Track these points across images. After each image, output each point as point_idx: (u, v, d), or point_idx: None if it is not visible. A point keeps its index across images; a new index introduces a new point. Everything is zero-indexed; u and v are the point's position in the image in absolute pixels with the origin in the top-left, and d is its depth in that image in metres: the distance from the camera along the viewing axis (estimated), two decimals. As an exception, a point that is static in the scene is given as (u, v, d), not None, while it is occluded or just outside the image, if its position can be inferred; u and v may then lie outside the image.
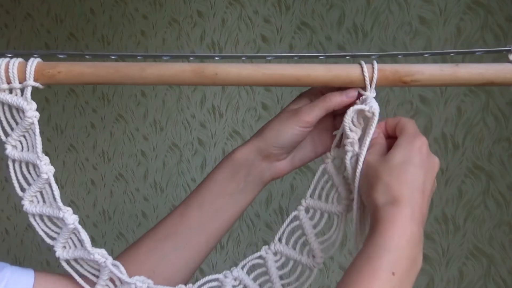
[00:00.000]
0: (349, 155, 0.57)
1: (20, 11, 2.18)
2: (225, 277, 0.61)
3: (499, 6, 1.19)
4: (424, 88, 1.29)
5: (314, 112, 0.58)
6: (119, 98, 1.93)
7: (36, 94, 0.57)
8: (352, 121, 0.56)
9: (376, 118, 0.55)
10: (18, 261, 2.25)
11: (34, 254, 2.21)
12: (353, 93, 0.57)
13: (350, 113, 0.55)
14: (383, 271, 0.47)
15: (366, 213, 0.57)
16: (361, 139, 0.57)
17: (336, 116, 0.61)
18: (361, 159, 0.55)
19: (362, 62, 0.56)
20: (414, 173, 0.52)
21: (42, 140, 0.57)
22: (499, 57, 0.58)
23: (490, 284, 1.23)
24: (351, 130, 0.56)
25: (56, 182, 0.59)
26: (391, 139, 0.57)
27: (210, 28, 1.68)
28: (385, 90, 1.33)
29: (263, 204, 1.60)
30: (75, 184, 2.07)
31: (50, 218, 0.60)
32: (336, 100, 0.57)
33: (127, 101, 1.91)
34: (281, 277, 0.61)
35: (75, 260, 0.61)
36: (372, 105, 0.55)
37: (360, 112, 0.56)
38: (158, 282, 0.61)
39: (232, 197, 0.62)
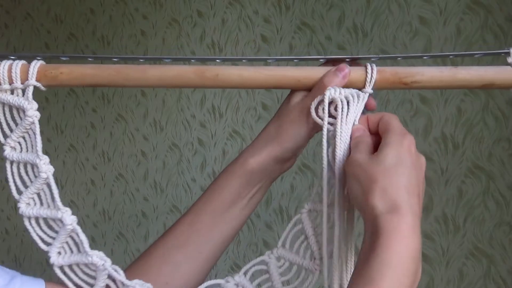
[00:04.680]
0: (324, 141, 0.54)
1: (20, 11, 2.18)
2: (227, 281, 0.60)
3: (499, 6, 1.19)
4: (424, 88, 1.29)
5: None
6: (119, 98, 1.93)
7: (36, 94, 0.57)
8: (320, 112, 0.55)
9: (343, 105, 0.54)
10: (18, 261, 2.25)
11: (34, 254, 2.21)
12: (345, 70, 0.56)
13: (313, 105, 0.55)
14: None
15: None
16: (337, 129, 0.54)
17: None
18: (338, 151, 0.53)
19: (368, 64, 0.57)
20: (408, 176, 0.49)
21: (42, 140, 0.57)
22: (497, 59, 0.58)
23: (490, 284, 1.23)
24: (321, 119, 0.55)
25: (56, 182, 0.58)
26: (374, 135, 0.54)
27: (210, 28, 1.68)
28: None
29: (263, 204, 1.60)
30: (75, 184, 2.07)
31: (46, 221, 0.58)
32: (335, 83, 0.55)
33: (127, 101, 1.91)
34: (283, 283, 0.60)
35: (70, 266, 0.59)
36: (331, 92, 0.54)
37: (327, 103, 0.55)
38: None
39: (244, 202, 0.61)
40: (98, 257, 0.58)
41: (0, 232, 2.31)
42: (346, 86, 0.57)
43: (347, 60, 0.59)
